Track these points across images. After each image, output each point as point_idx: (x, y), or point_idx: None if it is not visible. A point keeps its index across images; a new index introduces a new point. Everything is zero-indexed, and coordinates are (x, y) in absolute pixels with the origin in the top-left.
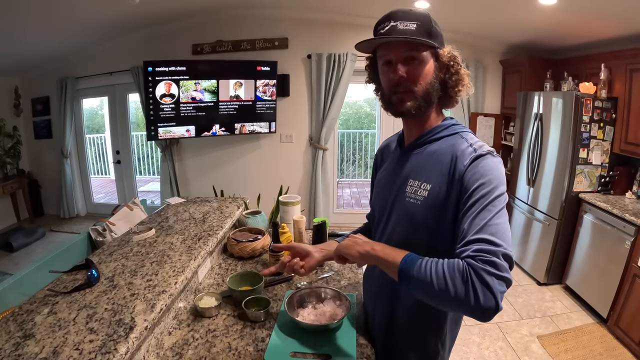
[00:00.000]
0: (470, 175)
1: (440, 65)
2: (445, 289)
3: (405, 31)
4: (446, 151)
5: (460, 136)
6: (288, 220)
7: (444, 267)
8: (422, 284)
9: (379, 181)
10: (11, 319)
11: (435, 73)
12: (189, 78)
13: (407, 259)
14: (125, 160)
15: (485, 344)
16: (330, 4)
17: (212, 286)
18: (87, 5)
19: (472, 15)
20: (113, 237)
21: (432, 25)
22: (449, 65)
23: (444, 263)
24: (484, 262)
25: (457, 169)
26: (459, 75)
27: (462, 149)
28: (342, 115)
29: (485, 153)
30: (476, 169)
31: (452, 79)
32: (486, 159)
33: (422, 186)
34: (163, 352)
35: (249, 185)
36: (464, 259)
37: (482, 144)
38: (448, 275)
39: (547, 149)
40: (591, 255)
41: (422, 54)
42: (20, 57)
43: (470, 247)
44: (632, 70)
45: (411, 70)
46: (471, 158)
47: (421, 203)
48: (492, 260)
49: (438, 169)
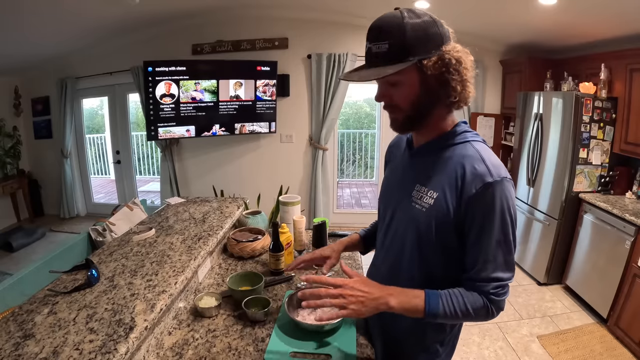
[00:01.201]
0: (482, 204)
1: (428, 76)
2: (471, 319)
3: (377, 55)
4: (456, 162)
5: (472, 146)
6: (288, 220)
7: (468, 306)
8: (449, 320)
9: (387, 179)
10: (11, 319)
11: (423, 86)
12: (189, 78)
13: (430, 304)
14: (125, 160)
15: (485, 344)
16: (330, 4)
17: (212, 286)
18: (88, 6)
19: (472, 15)
20: (113, 237)
21: (407, 36)
22: (440, 73)
23: (466, 300)
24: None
25: (467, 188)
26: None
27: (475, 166)
28: (342, 115)
29: (498, 179)
30: (488, 197)
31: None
32: (499, 186)
33: (428, 193)
34: (163, 352)
35: (249, 185)
36: (485, 296)
37: (498, 165)
38: (473, 312)
39: (547, 149)
40: (591, 255)
41: (399, 77)
42: (20, 57)
43: (490, 284)
44: (632, 70)
45: (393, 93)
46: (484, 184)
47: (426, 210)
48: (504, 292)
49: (446, 179)
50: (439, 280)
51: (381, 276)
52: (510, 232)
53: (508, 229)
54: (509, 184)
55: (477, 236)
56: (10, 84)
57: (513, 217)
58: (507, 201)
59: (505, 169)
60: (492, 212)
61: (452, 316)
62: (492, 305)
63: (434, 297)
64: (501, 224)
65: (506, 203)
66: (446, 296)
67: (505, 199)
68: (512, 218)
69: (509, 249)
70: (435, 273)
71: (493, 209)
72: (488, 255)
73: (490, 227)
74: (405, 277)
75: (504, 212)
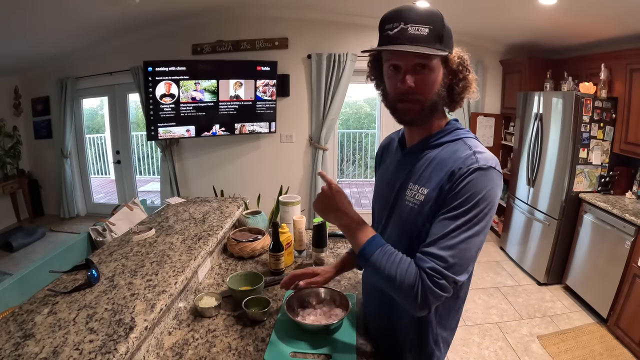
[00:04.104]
0: (463, 186)
1: (449, 71)
2: (392, 284)
3: (416, 37)
4: (448, 158)
5: (464, 142)
6: (288, 220)
7: (397, 266)
8: (374, 270)
9: (380, 181)
10: (11, 319)
11: (444, 80)
12: (189, 78)
13: (370, 243)
14: (125, 160)
15: (485, 344)
16: (330, 4)
17: (212, 286)
18: (88, 5)
19: (472, 15)
20: (113, 237)
21: (445, 27)
22: (458, 71)
23: (399, 261)
24: (434, 282)
25: (454, 177)
26: (467, 81)
27: (464, 157)
28: (342, 115)
29: (485, 167)
30: (471, 181)
31: (459, 85)
32: (485, 172)
33: (420, 190)
34: (163, 352)
35: (249, 185)
36: (420, 270)
37: (489, 157)
38: (398, 275)
39: (547, 149)
40: (591, 255)
41: (432, 62)
42: (20, 57)
43: (430, 262)
44: (632, 70)
45: (420, 80)
46: (470, 169)
47: (417, 207)
48: (441, 283)
49: (437, 176)
50: None
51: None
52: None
53: (479, 215)
54: (496, 175)
55: (447, 207)
56: (10, 84)
57: (489, 208)
58: (488, 189)
59: (497, 162)
60: (470, 195)
61: (379, 272)
62: (421, 288)
63: (377, 242)
64: (473, 207)
65: (486, 191)
66: (386, 249)
67: (487, 187)
68: (488, 207)
69: (469, 238)
70: None
71: (472, 193)
72: (446, 234)
73: (461, 207)
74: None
75: (481, 198)
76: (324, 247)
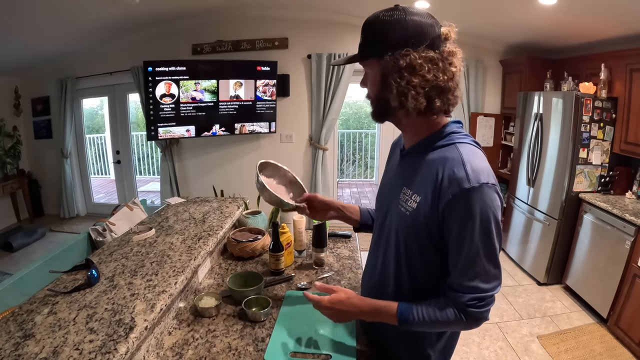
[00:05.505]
0: (459, 210)
1: (387, 74)
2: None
3: (359, 45)
4: (438, 165)
5: (456, 148)
6: (288, 220)
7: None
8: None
9: (383, 179)
10: (11, 319)
11: (383, 82)
12: (189, 78)
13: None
14: (125, 160)
15: (485, 344)
16: (330, 4)
17: (212, 286)
18: (88, 6)
19: (472, 15)
20: (113, 237)
21: (383, 30)
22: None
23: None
24: (477, 307)
25: (443, 193)
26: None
27: (454, 170)
28: (342, 115)
29: (477, 185)
30: (465, 204)
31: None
32: (477, 193)
33: (412, 197)
34: (163, 352)
35: (249, 185)
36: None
37: (480, 170)
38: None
39: (547, 149)
40: (591, 255)
41: (366, 67)
42: (21, 57)
43: (467, 295)
44: (632, 70)
45: (363, 78)
46: (461, 189)
47: (410, 214)
48: (482, 305)
49: (427, 183)
50: (424, 285)
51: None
52: (492, 241)
53: (489, 237)
54: (490, 190)
55: (457, 242)
56: (10, 84)
57: (495, 226)
58: (487, 208)
59: (490, 174)
60: (470, 219)
61: (427, 324)
62: (468, 317)
63: (405, 313)
64: (481, 231)
65: (486, 211)
66: (418, 311)
67: (485, 206)
68: (495, 226)
69: (491, 258)
70: (420, 277)
71: (472, 216)
72: (467, 262)
73: (470, 234)
74: (393, 280)
75: (483, 219)
76: (324, 247)
